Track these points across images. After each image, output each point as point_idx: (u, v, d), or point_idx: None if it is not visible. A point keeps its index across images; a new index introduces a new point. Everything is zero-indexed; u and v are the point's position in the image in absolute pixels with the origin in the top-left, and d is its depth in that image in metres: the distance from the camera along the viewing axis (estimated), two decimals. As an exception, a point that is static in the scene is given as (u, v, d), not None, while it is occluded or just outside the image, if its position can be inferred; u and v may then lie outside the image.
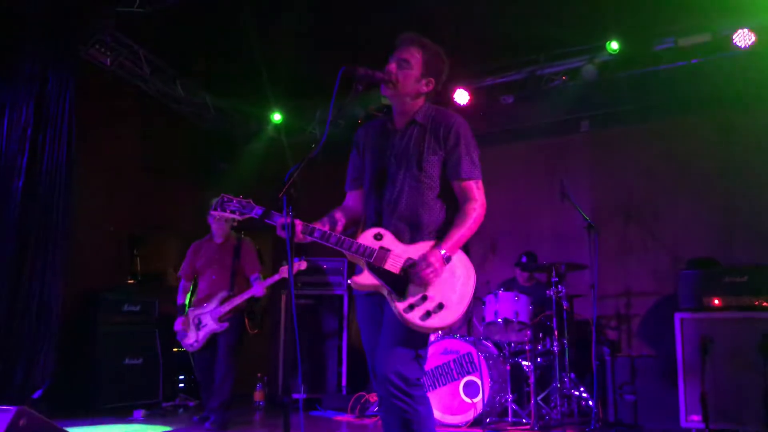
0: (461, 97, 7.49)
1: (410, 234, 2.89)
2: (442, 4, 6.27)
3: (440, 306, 2.74)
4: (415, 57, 2.96)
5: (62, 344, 6.52)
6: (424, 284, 2.75)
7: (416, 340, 2.80)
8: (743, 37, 6.13)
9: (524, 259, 6.98)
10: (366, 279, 2.85)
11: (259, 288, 6.02)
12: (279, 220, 2.82)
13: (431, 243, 2.85)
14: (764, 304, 5.23)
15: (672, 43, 6.51)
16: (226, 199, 3.01)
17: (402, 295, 2.76)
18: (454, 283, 2.80)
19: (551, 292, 6.02)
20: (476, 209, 2.89)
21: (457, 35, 6.53)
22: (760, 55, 6.29)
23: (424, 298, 2.75)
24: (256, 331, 6.34)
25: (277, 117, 8.77)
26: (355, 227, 3.12)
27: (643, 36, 6.60)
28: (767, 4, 6.01)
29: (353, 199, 3.21)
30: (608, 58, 6.85)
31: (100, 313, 6.97)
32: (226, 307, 5.95)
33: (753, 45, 6.14)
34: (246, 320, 6.21)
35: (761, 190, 6.71)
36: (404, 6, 5.97)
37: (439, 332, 6.12)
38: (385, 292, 2.81)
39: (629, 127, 7.42)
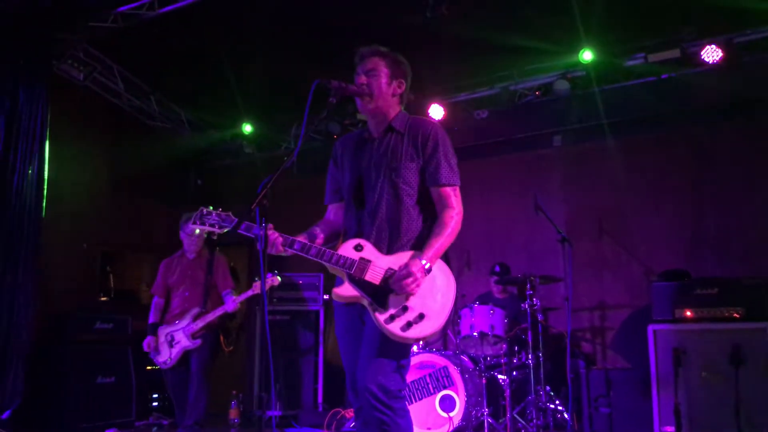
0: (436, 111, 7.56)
1: (389, 242, 2.89)
2: (417, 21, 6.32)
3: (421, 316, 2.74)
4: (379, 64, 3.01)
5: (33, 362, 6.41)
6: (405, 295, 2.75)
7: (398, 350, 2.79)
8: (711, 53, 6.25)
9: (497, 269, 7.00)
10: (347, 290, 2.84)
11: (231, 304, 5.94)
12: (257, 232, 2.80)
13: (410, 253, 2.84)
14: (734, 315, 5.30)
15: (642, 59, 6.62)
16: (205, 212, 2.94)
17: (383, 306, 2.75)
18: (434, 293, 2.81)
19: (526, 305, 6.02)
20: (454, 217, 2.91)
21: (432, 51, 6.58)
22: (728, 70, 6.42)
23: (405, 309, 2.75)
24: (231, 348, 6.26)
25: (248, 128, 8.72)
26: (336, 240, 3.10)
27: (614, 52, 6.71)
28: (734, 20, 6.14)
29: (334, 212, 3.21)
30: (581, 74, 6.95)
31: (72, 330, 6.85)
32: (199, 324, 5.88)
33: (720, 60, 6.27)
34: (221, 338, 6.14)
35: (730, 204, 6.82)
36: (378, 21, 6.03)
37: (420, 343, 6.12)
38: (365, 302, 2.80)
39: (601, 142, 7.49)
